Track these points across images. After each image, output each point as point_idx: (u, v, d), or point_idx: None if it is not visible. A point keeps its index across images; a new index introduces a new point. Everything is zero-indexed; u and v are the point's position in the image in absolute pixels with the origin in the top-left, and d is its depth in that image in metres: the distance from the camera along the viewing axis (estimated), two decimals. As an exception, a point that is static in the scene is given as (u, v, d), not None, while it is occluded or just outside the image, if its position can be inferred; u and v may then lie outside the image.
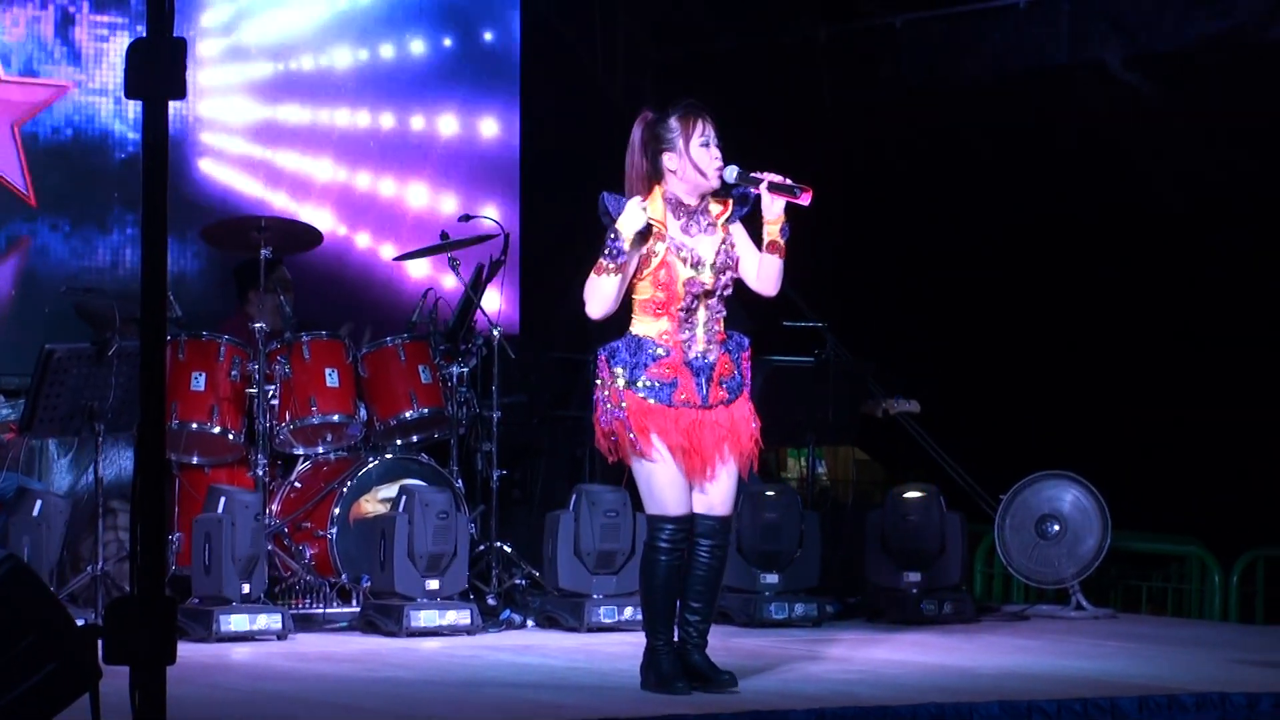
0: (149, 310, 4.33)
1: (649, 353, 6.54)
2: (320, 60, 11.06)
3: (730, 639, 8.01)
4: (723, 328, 6.63)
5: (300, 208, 10.89)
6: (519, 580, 9.03)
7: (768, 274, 6.62)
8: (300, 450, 9.02)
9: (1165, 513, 10.53)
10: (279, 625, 8.05)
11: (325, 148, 11.06)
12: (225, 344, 8.74)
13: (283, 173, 10.93)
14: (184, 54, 4.30)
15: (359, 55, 11.18)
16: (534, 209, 11.46)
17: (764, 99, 11.61)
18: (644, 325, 6.58)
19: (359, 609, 8.53)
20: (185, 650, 4.83)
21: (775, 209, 6.56)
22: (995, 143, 10.97)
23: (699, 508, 6.60)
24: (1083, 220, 10.97)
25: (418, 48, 11.34)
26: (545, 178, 11.47)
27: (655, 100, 6.76)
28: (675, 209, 6.59)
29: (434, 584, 8.35)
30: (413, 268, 10.97)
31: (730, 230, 6.65)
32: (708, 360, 6.57)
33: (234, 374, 8.71)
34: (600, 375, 6.62)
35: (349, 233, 11.11)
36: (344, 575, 8.67)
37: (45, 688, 4.97)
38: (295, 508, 8.86)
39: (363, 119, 11.16)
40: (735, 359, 6.65)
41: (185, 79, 4.31)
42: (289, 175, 10.95)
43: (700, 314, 6.58)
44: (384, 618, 8.32)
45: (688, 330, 6.57)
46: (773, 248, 6.59)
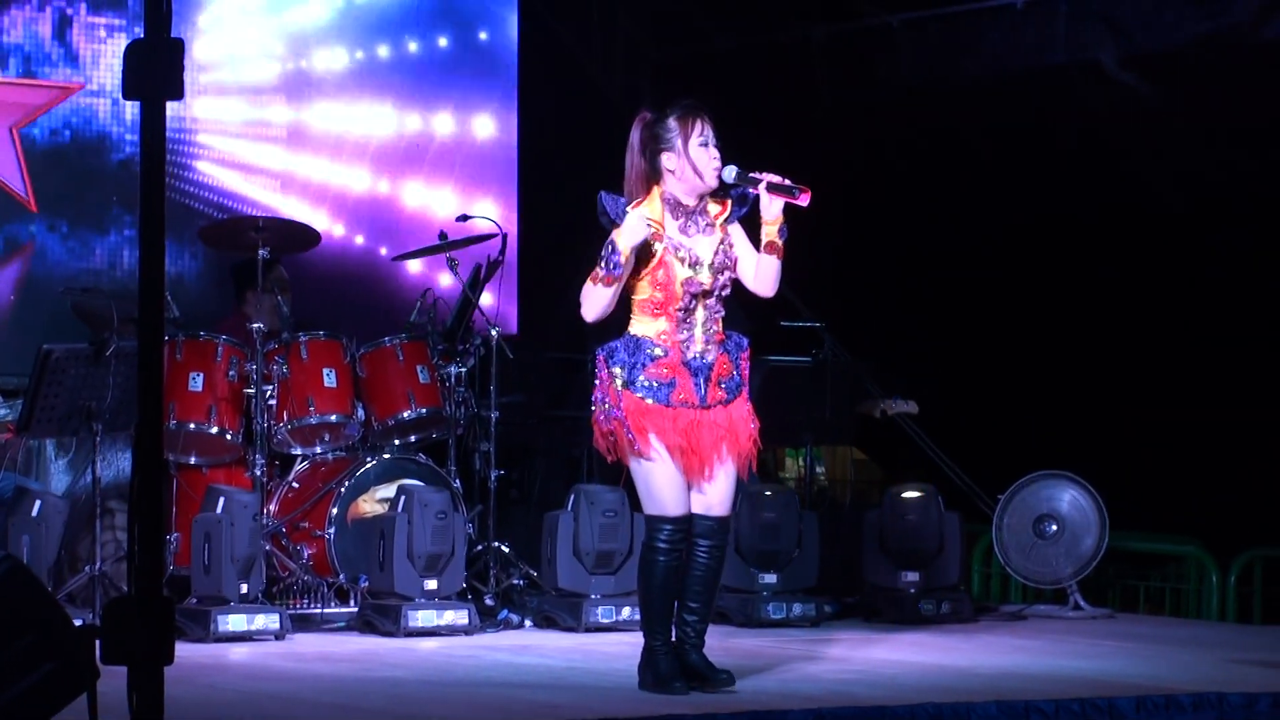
0: (147, 310, 4.33)
1: (647, 353, 6.54)
2: (317, 60, 11.05)
3: (728, 639, 8.01)
4: (721, 328, 6.63)
5: (298, 208, 10.88)
6: (517, 580, 9.02)
7: (765, 275, 6.62)
8: (298, 450, 9.02)
9: (1163, 513, 10.53)
10: (277, 625, 8.05)
11: (323, 148, 11.05)
12: (223, 344, 8.74)
13: (280, 173, 10.92)
14: (182, 55, 4.29)
15: (356, 55, 11.17)
16: (532, 209, 11.45)
17: (762, 98, 11.61)
18: (642, 325, 6.58)
19: (357, 609, 8.53)
20: (183, 650, 4.81)
21: (774, 209, 6.56)
22: (994, 143, 10.96)
23: (697, 508, 6.60)
24: (1082, 220, 10.96)
25: (414, 47, 11.34)
26: (543, 177, 11.46)
27: (653, 99, 6.78)
28: (674, 209, 6.58)
29: (432, 584, 8.35)
30: (411, 268, 10.97)
31: (729, 231, 6.65)
32: (706, 360, 6.57)
33: (232, 374, 8.71)
34: (599, 375, 6.62)
35: (346, 233, 11.11)
36: (342, 575, 8.67)
37: (43, 688, 4.97)
38: (293, 508, 8.86)
39: (360, 119, 11.16)
40: (734, 359, 6.65)
41: (183, 80, 4.31)
42: (287, 175, 10.94)
43: (698, 314, 6.58)
44: (382, 618, 8.32)
45: (686, 330, 6.57)
46: (771, 248, 6.58)
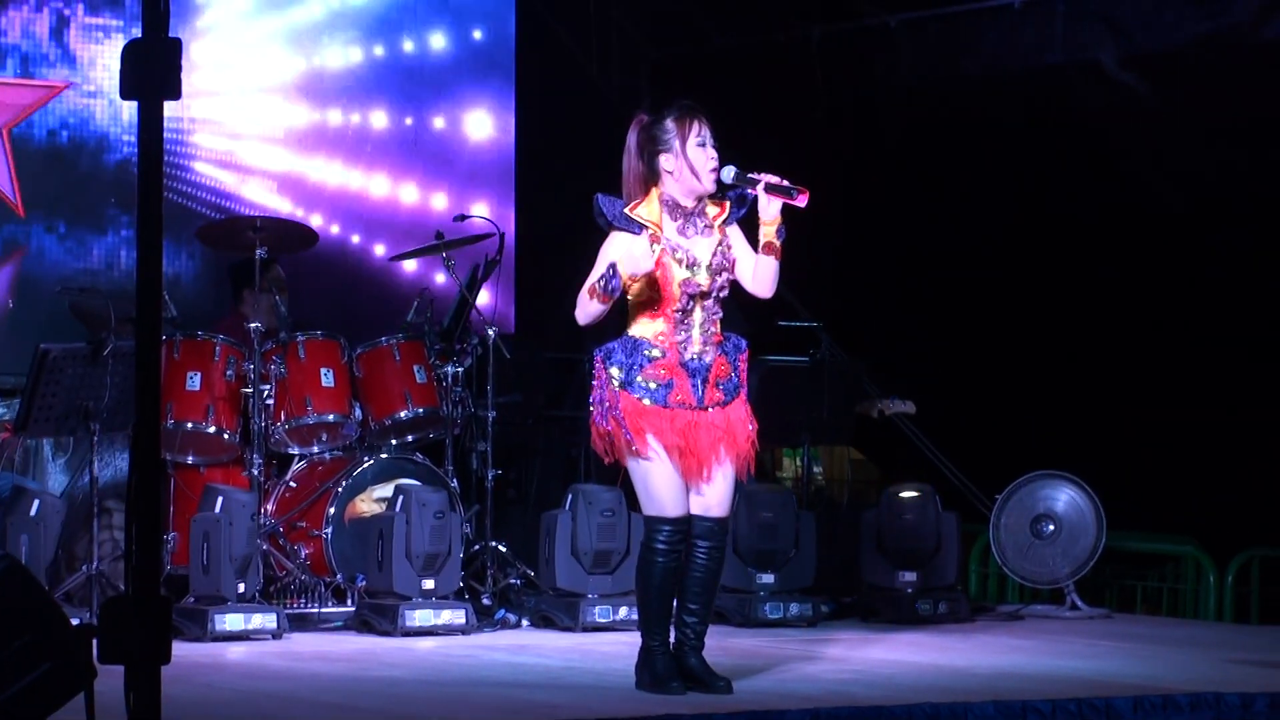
0: (144, 310, 4.32)
1: (645, 354, 6.53)
2: (315, 60, 11.05)
3: (726, 639, 8.00)
4: (719, 329, 6.63)
5: (295, 208, 10.88)
6: (514, 580, 9.02)
7: (763, 276, 6.61)
8: (295, 450, 9.02)
9: (1160, 512, 10.52)
10: (274, 625, 8.05)
11: (320, 147, 11.05)
12: (220, 344, 8.74)
13: (278, 173, 10.92)
14: (179, 55, 4.28)
15: (353, 54, 11.17)
16: (529, 208, 11.44)
17: (761, 99, 11.59)
18: (640, 326, 6.58)
19: (354, 608, 8.53)
20: (180, 650, 4.82)
21: (772, 210, 6.55)
22: (993, 143, 10.95)
23: (696, 509, 6.59)
24: (1082, 220, 10.95)
25: (412, 47, 11.33)
26: (540, 177, 11.46)
27: (652, 99, 6.77)
28: (672, 210, 6.58)
29: (429, 584, 8.35)
30: (408, 267, 10.97)
31: (727, 232, 6.64)
32: (704, 362, 6.57)
33: (229, 374, 8.71)
34: (596, 376, 6.61)
35: (343, 232, 11.10)
36: (339, 575, 8.67)
37: (40, 687, 4.97)
38: (290, 507, 8.86)
39: (357, 118, 11.15)
40: (732, 361, 6.64)
41: (180, 80, 4.30)
42: (284, 176, 10.93)
43: (696, 315, 6.57)
44: (379, 617, 8.32)
45: (684, 331, 6.56)
46: (769, 249, 6.58)
